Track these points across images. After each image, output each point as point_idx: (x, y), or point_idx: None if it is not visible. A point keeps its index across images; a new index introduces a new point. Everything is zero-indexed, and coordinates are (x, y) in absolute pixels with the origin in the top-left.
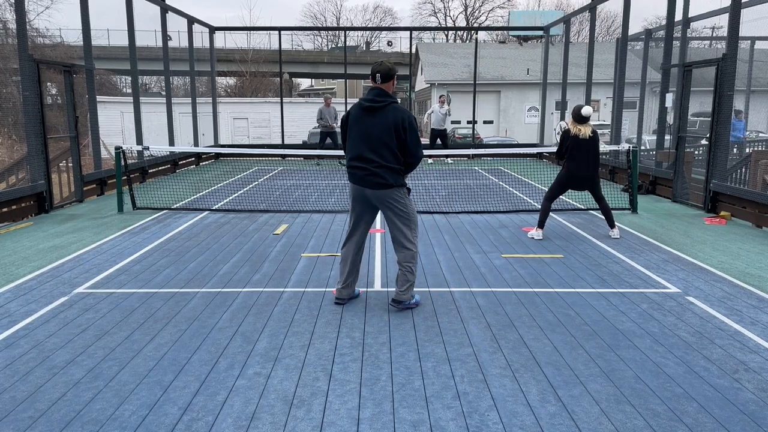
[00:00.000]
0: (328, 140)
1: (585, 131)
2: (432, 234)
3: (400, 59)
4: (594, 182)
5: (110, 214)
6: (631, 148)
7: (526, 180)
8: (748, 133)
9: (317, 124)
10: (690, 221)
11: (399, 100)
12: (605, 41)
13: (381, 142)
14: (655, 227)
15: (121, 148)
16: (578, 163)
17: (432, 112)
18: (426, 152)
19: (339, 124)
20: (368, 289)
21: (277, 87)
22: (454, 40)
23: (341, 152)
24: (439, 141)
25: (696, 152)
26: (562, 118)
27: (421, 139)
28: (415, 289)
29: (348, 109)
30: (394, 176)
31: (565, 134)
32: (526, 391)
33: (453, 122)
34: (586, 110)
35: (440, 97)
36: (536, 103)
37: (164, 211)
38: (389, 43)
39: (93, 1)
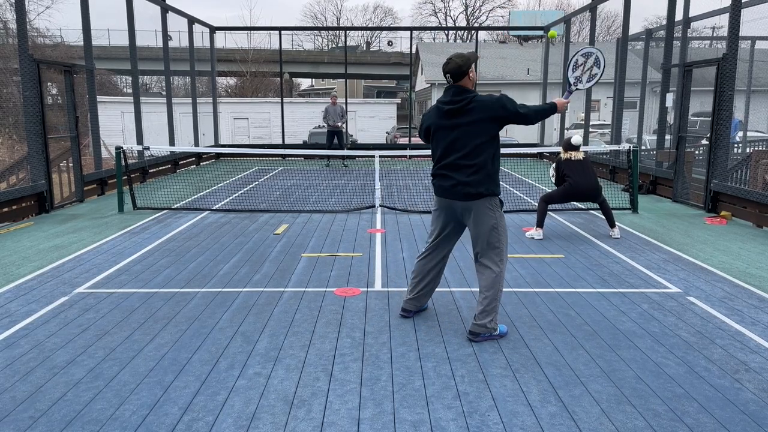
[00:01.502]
0: (335, 140)
1: (577, 155)
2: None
3: (400, 59)
4: (597, 194)
5: (110, 214)
6: (631, 148)
7: (526, 180)
8: (741, 133)
9: (323, 123)
10: (690, 221)
11: (478, 93)
12: (605, 41)
13: (472, 145)
14: (656, 227)
15: (122, 148)
16: (579, 178)
17: None
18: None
19: (344, 122)
20: (368, 289)
21: (277, 87)
22: (455, 40)
23: (346, 152)
24: None
25: (696, 152)
26: (562, 117)
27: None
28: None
29: (427, 110)
30: (486, 184)
31: (558, 162)
32: (526, 391)
33: None
34: (576, 139)
35: None
36: (536, 103)
37: (164, 211)
38: (389, 43)
39: (93, 1)
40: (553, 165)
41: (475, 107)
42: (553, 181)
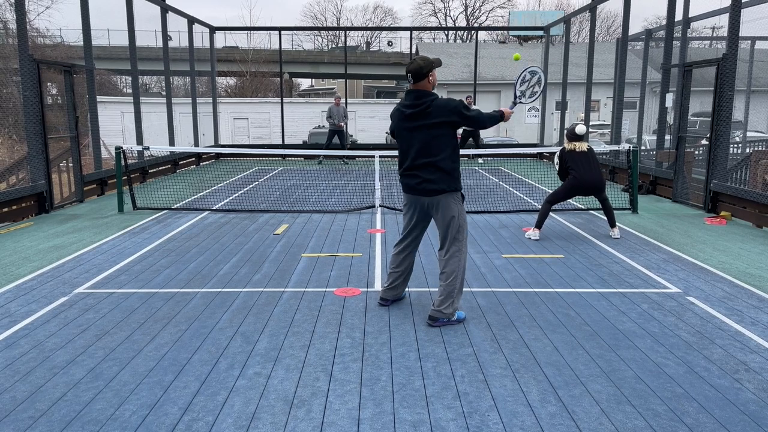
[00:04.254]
0: (335, 140)
1: (581, 146)
2: (432, 234)
3: (400, 59)
4: (600, 189)
5: (110, 214)
6: (631, 148)
7: (526, 180)
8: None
9: (327, 123)
10: (690, 221)
11: (438, 95)
12: (605, 41)
13: (431, 144)
14: (656, 227)
15: (122, 148)
16: (584, 171)
17: None
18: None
19: (347, 121)
20: (368, 290)
21: (277, 87)
22: (455, 40)
23: (345, 152)
24: (471, 140)
25: (696, 152)
26: (562, 117)
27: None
28: (413, 289)
29: (391, 113)
30: (448, 181)
31: (562, 153)
32: (526, 391)
33: None
34: (580, 129)
35: (467, 97)
36: (536, 103)
37: (164, 211)
38: (389, 43)
39: (93, 1)
40: (557, 154)
41: (433, 111)
42: (557, 170)
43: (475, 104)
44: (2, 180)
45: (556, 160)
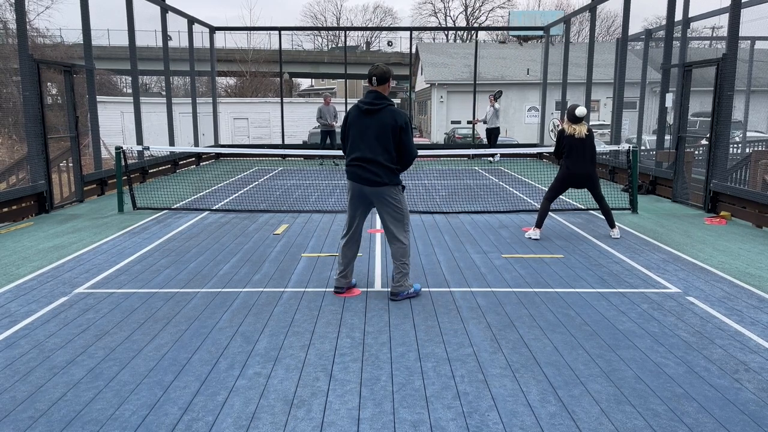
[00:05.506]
0: (328, 140)
1: (580, 130)
2: (432, 234)
3: (400, 59)
4: (593, 180)
5: (110, 214)
6: (631, 148)
7: (526, 180)
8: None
9: (317, 123)
10: (690, 221)
11: (395, 103)
12: (605, 41)
13: (378, 142)
14: (656, 227)
15: (122, 148)
16: (575, 161)
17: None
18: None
19: (338, 122)
20: (368, 289)
21: (277, 87)
22: (455, 40)
23: (339, 152)
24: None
25: (696, 152)
26: (562, 117)
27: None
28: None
29: (348, 109)
30: (389, 175)
31: (561, 134)
32: (526, 391)
33: (453, 122)
34: (580, 110)
35: (490, 95)
36: (536, 103)
37: (164, 211)
38: (389, 43)
39: (93, 1)
40: (554, 127)
41: (386, 114)
42: (554, 140)
43: (497, 103)
44: (2, 180)
45: (551, 127)
